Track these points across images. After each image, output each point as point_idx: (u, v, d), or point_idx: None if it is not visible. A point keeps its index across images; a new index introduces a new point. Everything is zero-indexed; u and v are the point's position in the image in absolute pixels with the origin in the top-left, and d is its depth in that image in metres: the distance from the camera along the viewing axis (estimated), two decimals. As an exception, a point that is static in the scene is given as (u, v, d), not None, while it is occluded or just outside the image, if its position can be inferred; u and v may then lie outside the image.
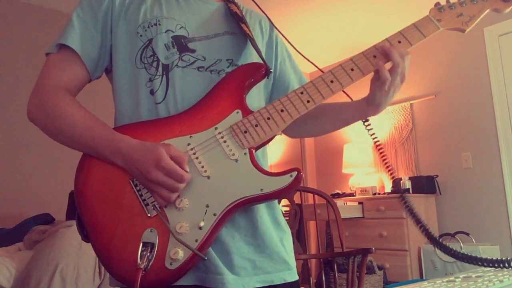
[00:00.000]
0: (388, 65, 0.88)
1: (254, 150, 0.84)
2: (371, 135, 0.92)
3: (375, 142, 0.91)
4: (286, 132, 1.06)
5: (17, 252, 2.30)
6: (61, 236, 2.10)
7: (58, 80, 0.89)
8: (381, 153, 0.90)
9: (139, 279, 0.73)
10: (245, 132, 0.83)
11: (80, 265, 2.05)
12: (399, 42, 0.89)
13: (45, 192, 3.18)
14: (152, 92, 0.89)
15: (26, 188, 3.14)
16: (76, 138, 0.84)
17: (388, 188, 4.12)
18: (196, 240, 0.77)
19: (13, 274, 2.05)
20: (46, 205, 2.97)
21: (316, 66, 0.99)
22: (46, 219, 2.66)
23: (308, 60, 1.00)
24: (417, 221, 0.82)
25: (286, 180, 0.81)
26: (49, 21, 3.42)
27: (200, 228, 0.78)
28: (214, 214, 0.79)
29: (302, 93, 0.87)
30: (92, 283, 2.08)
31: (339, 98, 0.99)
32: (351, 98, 0.98)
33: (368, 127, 0.93)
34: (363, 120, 0.95)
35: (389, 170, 0.90)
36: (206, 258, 0.78)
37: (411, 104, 4.18)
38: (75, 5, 0.95)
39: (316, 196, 2.19)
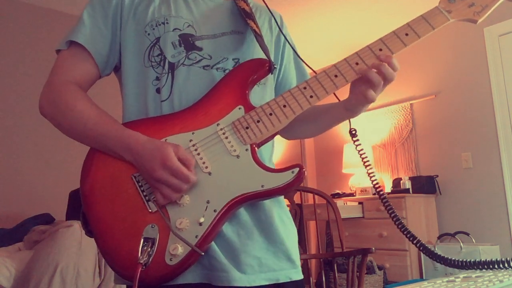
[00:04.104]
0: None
1: (256, 147, 0.84)
2: (360, 153, 0.89)
3: (363, 158, 0.89)
4: (280, 133, 1.06)
5: (17, 252, 2.30)
6: (61, 236, 2.10)
7: (69, 76, 0.90)
8: (369, 169, 0.88)
9: (138, 274, 0.73)
10: (247, 128, 0.83)
11: (80, 265, 2.05)
12: (406, 34, 0.86)
13: (45, 192, 3.18)
14: (158, 91, 0.89)
15: (26, 188, 3.14)
16: (86, 133, 0.85)
17: (388, 188, 4.12)
18: (196, 236, 0.77)
19: (13, 274, 2.05)
20: (46, 205, 2.97)
21: (311, 68, 0.98)
22: (46, 219, 2.66)
23: (306, 64, 0.99)
24: (403, 228, 0.81)
25: (288, 176, 0.80)
26: (49, 21, 3.42)
27: (200, 224, 0.78)
28: (215, 210, 0.79)
29: (305, 88, 0.85)
30: (92, 283, 2.08)
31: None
32: (339, 99, 0.96)
33: (357, 143, 0.90)
34: (352, 137, 0.93)
35: (378, 190, 0.88)
36: (203, 253, 0.78)
37: (411, 104, 4.18)
38: (75, 5, 0.95)
39: (316, 196, 2.19)
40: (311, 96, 0.85)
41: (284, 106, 0.84)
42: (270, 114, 0.84)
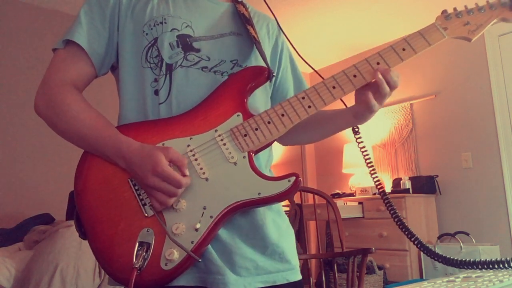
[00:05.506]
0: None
1: (253, 154, 0.84)
2: (362, 151, 0.90)
3: (364, 156, 0.90)
4: (278, 140, 1.06)
5: (17, 252, 2.30)
6: (61, 236, 2.10)
7: (65, 76, 0.89)
8: (370, 167, 0.89)
9: (133, 279, 0.73)
10: (245, 135, 0.83)
11: (80, 265, 2.05)
12: (404, 49, 0.88)
13: (45, 192, 3.18)
14: (156, 93, 0.89)
15: (26, 188, 3.14)
16: (80, 136, 0.84)
17: (388, 188, 4.12)
18: (192, 242, 0.77)
19: (13, 274, 2.05)
20: (46, 205, 2.97)
21: (314, 69, 0.98)
22: (46, 219, 2.66)
23: (310, 66, 0.99)
24: (403, 227, 0.81)
25: (284, 185, 0.80)
26: (49, 21, 3.41)
27: (196, 229, 0.78)
28: (211, 216, 0.79)
29: (303, 98, 0.86)
30: (92, 283, 2.08)
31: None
32: (346, 105, 0.96)
33: (359, 140, 0.91)
34: (355, 134, 0.93)
35: (379, 188, 0.88)
36: (200, 260, 0.78)
37: (411, 104, 4.18)
38: (76, 5, 0.95)
39: (316, 196, 2.19)
40: (309, 106, 0.86)
41: (282, 115, 0.85)
42: (268, 123, 0.85)
